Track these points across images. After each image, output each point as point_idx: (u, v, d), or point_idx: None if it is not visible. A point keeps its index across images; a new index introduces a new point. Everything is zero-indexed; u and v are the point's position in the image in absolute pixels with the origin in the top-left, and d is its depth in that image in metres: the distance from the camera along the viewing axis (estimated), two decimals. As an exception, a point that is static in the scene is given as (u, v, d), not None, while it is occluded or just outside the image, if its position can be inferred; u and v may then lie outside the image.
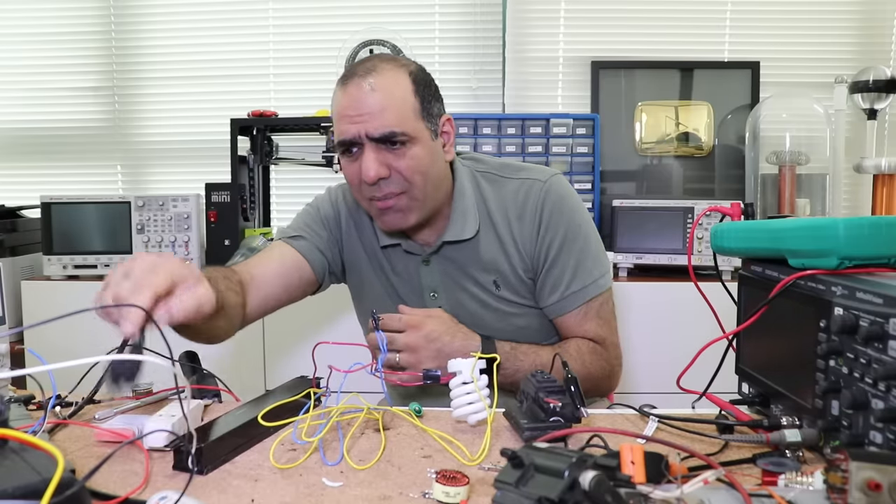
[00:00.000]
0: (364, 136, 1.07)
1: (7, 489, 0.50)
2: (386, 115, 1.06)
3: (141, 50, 2.62)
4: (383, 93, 1.07)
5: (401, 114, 1.08)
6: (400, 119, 1.07)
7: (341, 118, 1.09)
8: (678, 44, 2.53)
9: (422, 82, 1.13)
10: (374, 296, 1.27)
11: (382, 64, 1.10)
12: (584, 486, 0.52)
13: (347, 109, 1.07)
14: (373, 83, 1.07)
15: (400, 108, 1.08)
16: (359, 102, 1.06)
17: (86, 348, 0.76)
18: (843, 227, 0.70)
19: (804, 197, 2.20)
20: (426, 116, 1.12)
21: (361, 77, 1.07)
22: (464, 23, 2.55)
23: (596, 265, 1.20)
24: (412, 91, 1.10)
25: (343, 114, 1.08)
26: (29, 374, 0.68)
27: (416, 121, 1.10)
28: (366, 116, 1.06)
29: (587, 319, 1.20)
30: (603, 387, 1.23)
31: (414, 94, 1.10)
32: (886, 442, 0.62)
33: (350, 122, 1.07)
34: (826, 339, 0.70)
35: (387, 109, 1.06)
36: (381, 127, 1.06)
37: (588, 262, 1.19)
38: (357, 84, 1.07)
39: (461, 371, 0.88)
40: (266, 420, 0.83)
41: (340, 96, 1.09)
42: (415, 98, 1.10)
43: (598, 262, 1.21)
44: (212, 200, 2.18)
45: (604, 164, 2.41)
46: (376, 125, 1.06)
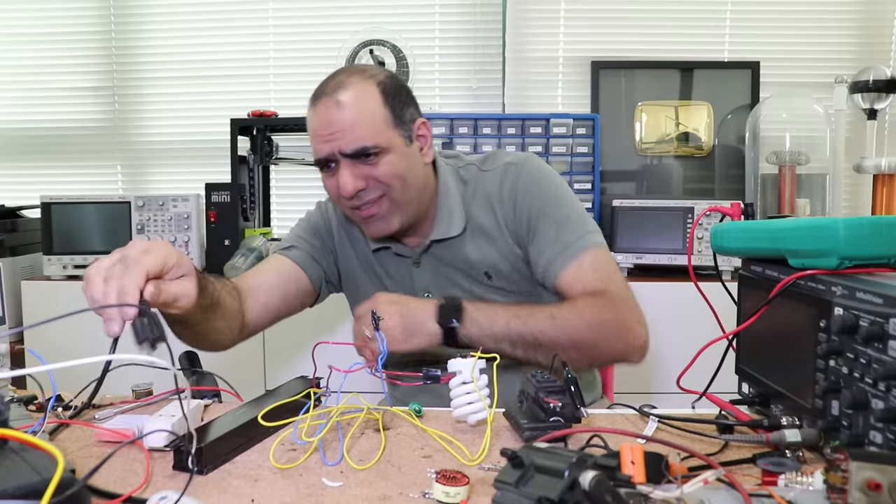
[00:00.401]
0: (338, 153, 1.09)
1: (7, 489, 0.50)
2: (357, 130, 1.08)
3: (141, 50, 2.62)
4: (352, 108, 1.08)
5: (371, 127, 1.09)
6: (371, 132, 1.08)
7: (315, 137, 1.11)
8: (678, 44, 2.53)
9: (391, 91, 1.13)
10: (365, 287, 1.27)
11: (350, 78, 1.11)
12: (584, 486, 0.52)
13: (319, 129, 1.10)
14: (341, 100, 1.08)
15: (370, 122, 1.09)
16: (329, 121, 1.08)
17: (86, 348, 0.76)
18: (843, 227, 0.70)
19: (804, 197, 2.20)
20: (398, 124, 1.12)
21: (330, 95, 1.09)
22: (464, 23, 2.56)
23: (579, 224, 1.17)
24: (381, 102, 1.11)
25: (316, 133, 1.11)
26: (29, 374, 0.68)
27: (388, 131, 1.11)
28: (337, 134, 1.08)
29: (581, 275, 1.13)
30: (616, 341, 1.09)
31: (384, 105, 1.11)
32: (886, 442, 0.62)
33: (323, 140, 1.09)
34: (826, 339, 0.70)
35: (357, 125, 1.08)
36: (353, 142, 1.08)
37: (570, 223, 1.17)
38: (326, 102, 1.09)
39: (461, 371, 0.88)
40: (266, 420, 0.83)
41: (312, 116, 1.12)
42: (385, 108, 1.11)
43: (582, 221, 1.18)
44: (212, 200, 2.18)
45: (604, 164, 2.41)
46: (348, 141, 1.08)
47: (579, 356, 1.05)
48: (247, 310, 1.14)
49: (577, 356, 1.05)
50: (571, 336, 1.06)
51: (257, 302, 1.16)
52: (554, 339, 1.05)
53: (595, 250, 1.16)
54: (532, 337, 1.05)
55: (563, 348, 1.02)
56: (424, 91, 2.54)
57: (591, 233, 1.17)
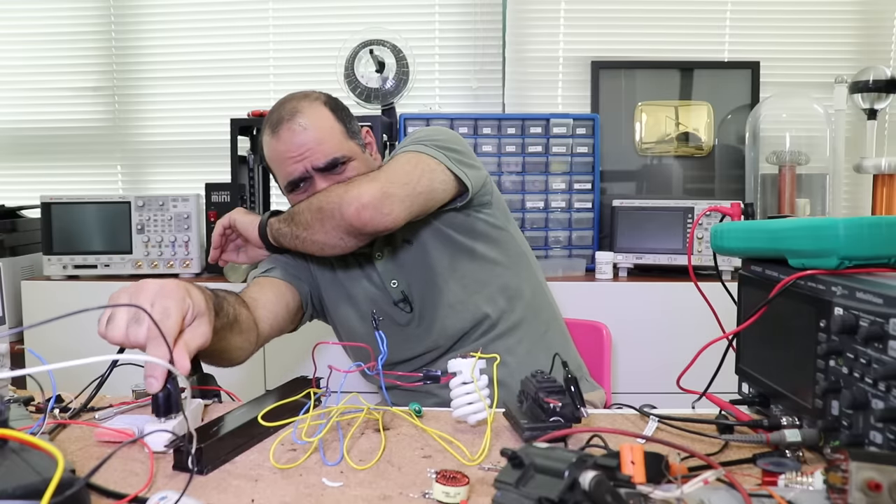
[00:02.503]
0: (311, 170, 1.18)
1: (7, 489, 0.50)
2: (324, 146, 1.18)
3: (141, 50, 2.62)
4: (314, 128, 1.18)
5: (334, 141, 1.20)
6: (336, 145, 1.19)
7: (284, 161, 1.19)
8: (678, 44, 2.53)
9: (336, 108, 1.24)
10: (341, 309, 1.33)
11: (300, 103, 1.21)
12: (584, 486, 0.52)
13: (288, 152, 1.18)
14: (302, 122, 1.18)
15: (332, 136, 1.20)
16: (297, 143, 1.18)
17: (86, 348, 0.76)
18: (843, 227, 0.70)
19: (804, 197, 2.20)
20: (352, 135, 1.24)
21: (289, 120, 1.18)
22: (464, 23, 2.56)
23: (416, 143, 1.24)
24: (333, 118, 1.22)
25: (285, 157, 1.19)
26: (29, 374, 0.68)
27: (347, 141, 1.22)
28: (307, 153, 1.18)
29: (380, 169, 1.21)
30: (333, 198, 1.12)
31: (336, 121, 1.22)
32: (886, 442, 0.62)
33: (294, 161, 1.18)
34: (826, 339, 0.70)
35: (323, 141, 1.18)
36: (324, 156, 1.18)
37: (407, 140, 1.27)
38: (288, 128, 1.18)
39: (461, 371, 0.88)
40: (266, 420, 0.83)
41: (276, 143, 1.20)
42: (338, 123, 1.22)
43: (422, 141, 1.24)
44: (212, 200, 2.18)
45: (604, 164, 2.41)
46: (319, 156, 1.18)
47: (311, 217, 1.14)
48: (259, 318, 1.15)
49: (310, 217, 1.15)
50: (311, 200, 1.16)
51: (265, 310, 1.18)
52: (301, 207, 1.17)
53: (414, 155, 1.21)
54: (293, 210, 1.19)
55: (301, 212, 1.16)
56: (424, 91, 2.54)
57: (435, 149, 1.22)
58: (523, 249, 1.39)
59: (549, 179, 2.23)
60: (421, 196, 1.16)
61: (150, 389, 0.77)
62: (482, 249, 1.30)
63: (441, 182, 1.20)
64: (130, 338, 0.78)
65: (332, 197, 1.13)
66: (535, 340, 1.32)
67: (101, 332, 0.80)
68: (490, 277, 1.30)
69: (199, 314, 0.84)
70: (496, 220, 1.33)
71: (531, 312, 1.33)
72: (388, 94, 2.30)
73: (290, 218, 1.19)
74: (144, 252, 2.15)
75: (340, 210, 1.10)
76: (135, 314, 0.79)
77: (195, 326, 0.84)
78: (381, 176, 1.15)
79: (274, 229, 1.21)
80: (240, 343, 1.07)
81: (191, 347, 0.82)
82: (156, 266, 2.15)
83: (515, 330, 1.30)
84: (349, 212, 1.09)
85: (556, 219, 2.24)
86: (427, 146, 1.22)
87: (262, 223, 1.24)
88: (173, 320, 0.79)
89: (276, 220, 1.22)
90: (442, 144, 1.24)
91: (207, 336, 0.85)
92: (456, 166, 1.22)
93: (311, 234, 1.15)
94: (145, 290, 0.80)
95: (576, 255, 2.23)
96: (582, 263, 2.18)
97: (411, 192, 1.14)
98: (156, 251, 2.15)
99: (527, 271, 1.37)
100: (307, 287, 1.31)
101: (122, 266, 2.15)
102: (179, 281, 0.85)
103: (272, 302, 1.21)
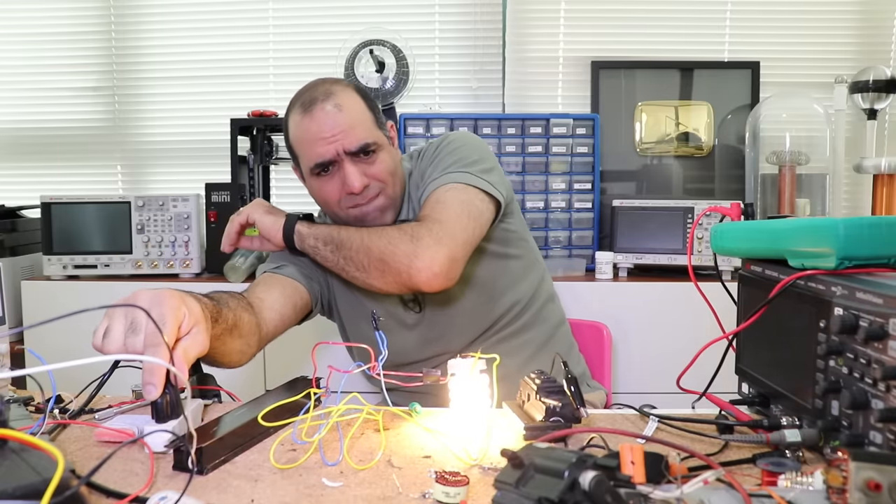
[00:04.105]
0: (342, 153, 1.16)
1: (7, 489, 0.50)
2: (357, 130, 1.17)
3: (141, 50, 2.62)
4: (349, 110, 1.17)
5: (366, 127, 1.19)
6: (367, 131, 1.19)
7: (315, 141, 1.17)
8: (678, 44, 2.53)
9: (366, 97, 1.24)
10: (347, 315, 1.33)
11: (334, 86, 1.20)
12: (584, 487, 0.52)
13: (321, 132, 1.16)
14: (338, 103, 1.17)
15: (364, 122, 1.19)
16: (331, 124, 1.16)
17: (86, 348, 0.76)
18: (843, 227, 0.70)
19: (804, 197, 2.20)
20: (380, 126, 1.24)
21: (324, 101, 1.17)
22: (464, 23, 2.55)
23: (456, 164, 1.22)
24: (365, 106, 1.21)
25: (317, 137, 1.16)
26: (29, 375, 0.68)
27: (376, 130, 1.21)
28: (339, 135, 1.16)
29: (424, 207, 1.18)
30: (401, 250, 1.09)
31: (367, 109, 1.22)
32: (886, 442, 0.62)
33: (326, 143, 1.16)
34: (826, 339, 0.70)
35: (356, 125, 1.17)
36: (357, 141, 1.17)
37: (447, 161, 1.24)
38: (322, 108, 1.16)
39: (461, 371, 0.88)
40: (266, 420, 0.83)
41: (308, 123, 1.17)
42: (369, 112, 1.22)
43: (461, 163, 1.22)
44: (212, 200, 2.18)
45: (604, 164, 2.41)
46: (352, 140, 1.16)
47: (368, 261, 1.12)
48: (264, 320, 1.14)
49: (367, 261, 1.12)
50: (366, 241, 1.13)
51: (272, 311, 1.17)
52: (352, 240, 1.13)
53: (454, 186, 1.19)
54: (338, 235, 1.15)
55: (356, 250, 1.12)
56: (424, 91, 2.54)
57: (462, 173, 1.21)
58: (537, 256, 1.40)
59: (549, 179, 2.23)
60: (475, 244, 1.18)
61: (149, 396, 0.76)
62: (502, 257, 1.30)
63: (487, 219, 1.21)
64: (129, 348, 0.77)
65: (398, 253, 1.09)
66: (541, 345, 1.33)
67: (97, 345, 0.79)
68: (507, 284, 1.29)
69: (196, 322, 0.84)
70: (516, 228, 1.33)
71: (540, 318, 1.34)
72: (388, 94, 2.30)
73: (337, 247, 1.15)
74: (144, 252, 2.15)
75: (409, 273, 1.09)
76: (131, 325, 0.78)
77: (193, 335, 0.83)
78: (445, 236, 1.10)
79: (308, 245, 1.18)
80: (239, 347, 1.07)
81: (189, 356, 0.82)
82: (156, 266, 2.15)
83: (522, 334, 1.31)
84: (420, 278, 1.09)
85: (556, 219, 2.24)
86: (469, 174, 1.20)
87: (287, 229, 1.20)
88: (169, 328, 0.78)
89: (311, 237, 1.18)
90: (480, 167, 1.22)
91: (205, 345, 0.85)
92: (495, 189, 1.21)
93: (365, 277, 1.13)
94: (140, 300, 0.80)
95: (576, 255, 2.23)
96: (582, 263, 2.18)
97: (471, 248, 1.16)
98: (156, 251, 2.15)
99: (540, 279, 1.38)
100: (318, 286, 1.29)
101: (122, 266, 2.15)
102: (174, 290, 0.84)
103: (279, 302, 1.19)
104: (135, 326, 0.78)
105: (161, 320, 0.78)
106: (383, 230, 1.15)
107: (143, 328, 0.77)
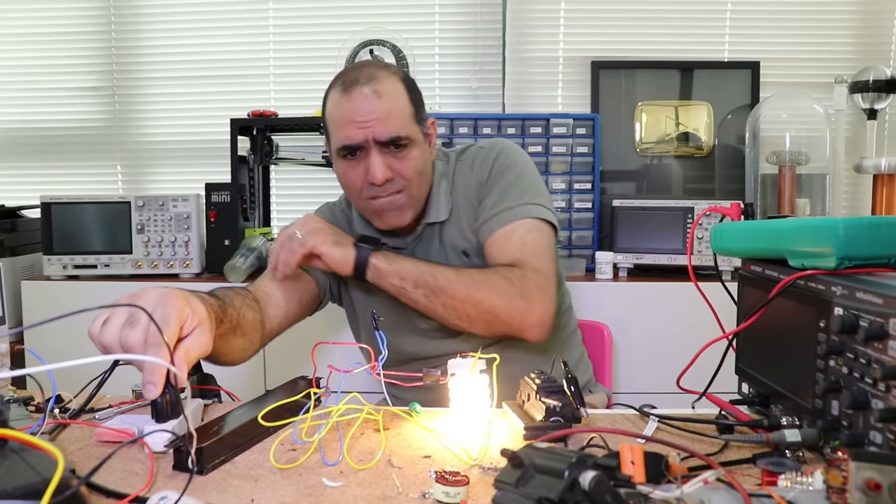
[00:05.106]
0: (371, 140, 1.12)
1: (7, 489, 0.50)
2: (392, 120, 1.12)
3: (141, 50, 2.62)
4: (388, 99, 1.13)
5: (403, 119, 1.14)
6: (403, 124, 1.14)
7: (347, 123, 1.13)
8: (678, 44, 2.53)
9: (412, 88, 1.20)
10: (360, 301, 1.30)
11: (380, 71, 1.16)
12: (584, 486, 0.52)
13: (355, 115, 1.12)
14: (378, 90, 1.12)
15: (402, 114, 1.15)
16: (367, 109, 1.11)
17: (86, 348, 0.76)
18: (843, 227, 0.70)
19: (804, 197, 2.20)
20: (419, 121, 1.19)
21: (365, 84, 1.12)
22: (464, 23, 2.55)
23: (527, 193, 1.21)
24: (408, 98, 1.17)
25: (349, 119, 1.12)
26: (29, 374, 0.68)
27: (413, 125, 1.17)
28: (373, 122, 1.11)
29: (509, 243, 1.17)
30: (514, 307, 1.10)
31: (409, 101, 1.17)
32: (886, 442, 0.62)
33: (358, 127, 1.12)
34: (826, 339, 0.70)
35: (392, 115, 1.13)
36: (389, 132, 1.12)
37: (517, 188, 1.22)
38: (362, 91, 1.12)
39: (461, 371, 0.88)
40: (266, 420, 0.83)
41: (345, 103, 1.13)
42: (410, 104, 1.17)
43: (531, 192, 1.22)
44: (212, 200, 2.18)
45: (604, 164, 2.41)
46: (384, 130, 1.12)
47: (475, 313, 1.10)
48: (268, 316, 1.14)
49: (474, 313, 1.10)
50: (472, 292, 1.09)
51: (277, 307, 1.17)
52: (454, 286, 1.09)
53: (531, 222, 1.19)
54: (433, 279, 1.10)
55: (461, 300, 1.09)
56: (424, 91, 2.52)
57: (536, 205, 1.21)
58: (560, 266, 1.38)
59: (549, 179, 2.22)
60: None
61: (149, 395, 0.76)
62: None
63: None
64: (123, 340, 0.77)
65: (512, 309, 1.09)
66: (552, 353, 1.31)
67: (94, 334, 0.78)
68: None
69: (199, 323, 0.84)
70: None
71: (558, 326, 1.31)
72: (388, 94, 2.30)
73: (433, 291, 1.10)
74: (144, 252, 2.15)
75: (521, 328, 1.12)
76: (130, 318, 0.78)
77: (196, 335, 0.83)
78: (548, 288, 1.14)
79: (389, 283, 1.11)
80: (242, 345, 1.07)
81: (190, 356, 0.82)
82: (156, 266, 2.15)
83: None
84: (531, 333, 1.12)
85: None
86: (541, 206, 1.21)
87: (359, 262, 1.11)
88: (172, 329, 0.78)
89: (395, 276, 1.10)
90: (543, 195, 1.23)
91: (207, 346, 0.85)
92: (554, 217, 1.23)
93: (468, 326, 1.11)
94: (144, 298, 0.79)
95: (576, 255, 2.23)
96: (582, 263, 2.18)
97: None
98: (156, 251, 2.15)
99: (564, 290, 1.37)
100: (327, 279, 1.28)
101: (122, 266, 2.15)
102: (179, 290, 0.84)
103: (285, 298, 1.19)
104: (133, 320, 0.78)
105: (164, 320, 0.77)
106: (487, 278, 1.11)
107: (142, 324, 0.77)
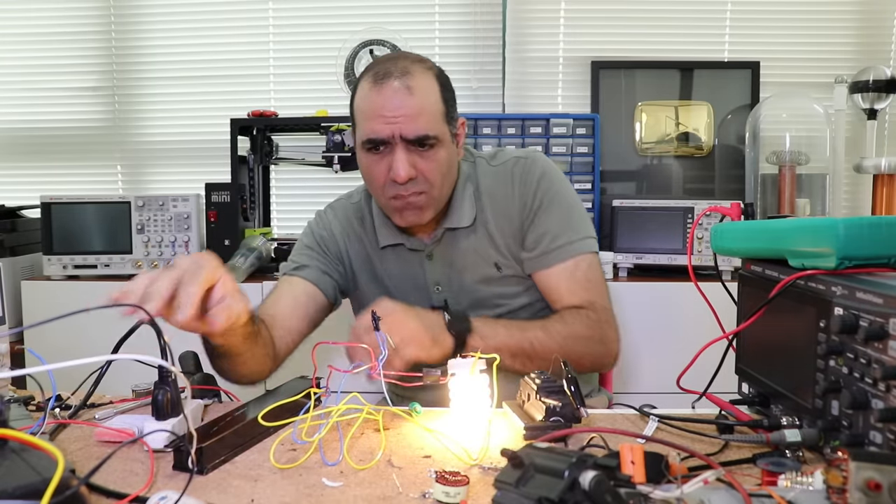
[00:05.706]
0: (398, 137, 1.09)
1: (7, 489, 0.50)
2: (422, 118, 1.09)
3: (141, 50, 2.62)
4: (420, 96, 1.09)
5: (433, 117, 1.11)
6: (432, 123, 1.10)
7: (375, 117, 1.10)
8: (678, 44, 2.53)
9: (445, 86, 1.16)
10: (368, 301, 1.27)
11: (414, 65, 1.12)
12: (584, 486, 0.52)
13: (384, 109, 1.08)
14: (410, 85, 1.09)
15: (433, 112, 1.11)
16: (396, 104, 1.08)
17: (86, 348, 0.76)
18: (843, 227, 0.70)
19: (804, 197, 2.20)
20: (449, 120, 1.15)
21: (398, 78, 1.09)
22: (464, 23, 2.56)
23: (583, 225, 1.22)
24: (440, 96, 1.13)
25: (378, 113, 1.09)
26: (29, 374, 0.68)
27: (443, 124, 1.13)
28: (401, 119, 1.08)
29: (574, 281, 1.19)
30: (597, 353, 1.18)
31: (441, 99, 1.13)
32: (886, 442, 0.62)
33: (385, 121, 1.09)
34: (826, 339, 0.70)
35: (423, 113, 1.09)
36: (417, 130, 1.09)
37: (574, 221, 1.22)
38: (394, 85, 1.09)
39: (461, 371, 0.88)
40: (266, 420, 0.83)
41: (374, 95, 1.10)
42: (441, 102, 1.13)
43: (585, 224, 1.23)
44: (212, 200, 2.18)
45: (604, 164, 2.41)
46: (412, 128, 1.09)
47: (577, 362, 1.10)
48: (276, 338, 1.13)
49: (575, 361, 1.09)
50: (563, 346, 1.09)
51: (283, 328, 1.16)
52: (548, 348, 1.08)
53: (591, 257, 1.21)
54: (530, 346, 1.09)
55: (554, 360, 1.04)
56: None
57: (590, 238, 1.22)
58: None
59: (549, 179, 2.22)
60: None
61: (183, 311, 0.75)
62: None
63: None
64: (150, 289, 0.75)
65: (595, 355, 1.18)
66: None
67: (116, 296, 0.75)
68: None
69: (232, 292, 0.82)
70: None
71: None
72: (388, 94, 2.29)
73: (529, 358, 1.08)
74: (144, 252, 2.15)
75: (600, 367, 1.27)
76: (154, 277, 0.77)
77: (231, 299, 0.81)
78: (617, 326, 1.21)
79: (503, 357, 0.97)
80: (263, 355, 1.05)
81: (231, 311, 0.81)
82: (156, 266, 2.15)
83: None
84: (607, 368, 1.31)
85: (556, 219, 2.23)
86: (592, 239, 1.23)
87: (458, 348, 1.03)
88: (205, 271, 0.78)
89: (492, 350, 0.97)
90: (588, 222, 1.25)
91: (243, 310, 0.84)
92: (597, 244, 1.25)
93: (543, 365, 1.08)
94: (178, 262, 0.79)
95: (576, 255, 2.22)
96: (582, 263, 2.18)
97: None
98: (156, 251, 2.15)
99: None
100: (334, 280, 1.26)
101: (122, 266, 2.15)
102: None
103: (288, 318, 1.17)
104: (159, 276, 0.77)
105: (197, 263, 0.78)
106: (572, 331, 1.13)
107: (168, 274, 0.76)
